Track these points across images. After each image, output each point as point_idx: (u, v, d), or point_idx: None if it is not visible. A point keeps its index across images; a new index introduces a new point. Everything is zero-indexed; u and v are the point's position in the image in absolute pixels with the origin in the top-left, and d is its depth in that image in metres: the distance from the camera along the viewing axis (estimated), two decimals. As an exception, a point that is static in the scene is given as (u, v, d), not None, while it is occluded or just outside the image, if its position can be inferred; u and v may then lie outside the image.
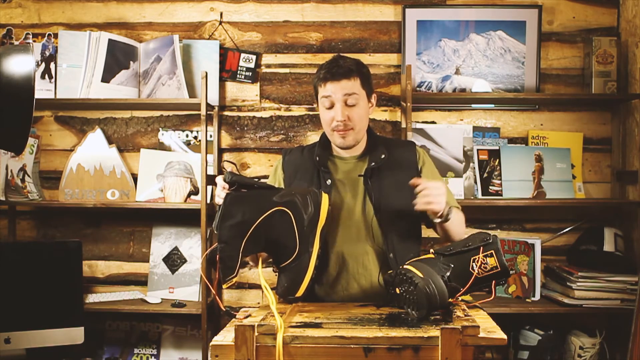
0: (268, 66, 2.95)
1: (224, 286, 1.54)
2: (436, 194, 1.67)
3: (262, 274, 1.58)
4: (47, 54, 2.87)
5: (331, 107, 1.82)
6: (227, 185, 1.63)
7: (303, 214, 1.61)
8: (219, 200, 1.63)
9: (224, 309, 1.58)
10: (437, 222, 1.76)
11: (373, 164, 1.85)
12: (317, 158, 1.89)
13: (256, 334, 1.35)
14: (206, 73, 2.67)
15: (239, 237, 1.55)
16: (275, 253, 1.63)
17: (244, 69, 2.92)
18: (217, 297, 1.69)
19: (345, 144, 1.85)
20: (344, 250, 1.82)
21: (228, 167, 1.68)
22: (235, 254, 1.54)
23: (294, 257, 1.58)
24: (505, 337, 1.35)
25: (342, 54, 1.91)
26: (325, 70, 1.83)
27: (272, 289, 1.55)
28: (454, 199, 1.96)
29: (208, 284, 1.66)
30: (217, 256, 1.53)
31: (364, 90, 1.85)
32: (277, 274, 1.67)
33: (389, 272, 1.67)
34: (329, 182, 1.84)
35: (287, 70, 2.94)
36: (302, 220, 1.60)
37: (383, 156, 1.86)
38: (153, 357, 2.88)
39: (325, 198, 1.67)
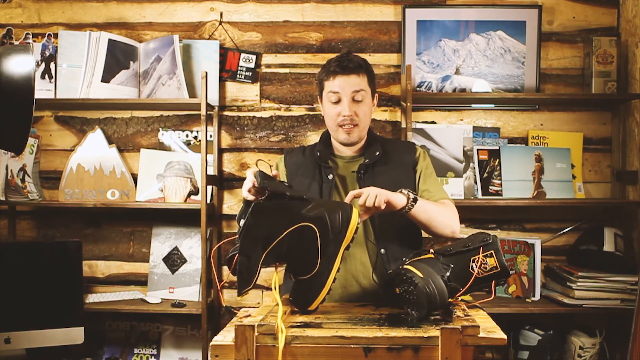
0: (268, 66, 2.95)
1: (239, 298, 1.51)
2: (373, 192, 1.63)
3: (277, 280, 1.53)
4: (47, 54, 2.87)
5: (338, 102, 1.85)
6: (255, 183, 1.56)
7: (329, 232, 1.54)
8: (246, 193, 1.59)
9: (225, 306, 1.57)
10: (403, 212, 1.71)
11: (367, 160, 1.87)
12: (318, 154, 1.91)
13: (256, 334, 1.35)
14: (206, 73, 2.67)
15: (260, 250, 1.49)
16: (295, 265, 1.57)
17: (244, 69, 2.92)
18: (220, 292, 1.68)
19: (349, 140, 1.87)
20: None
21: (261, 167, 1.60)
22: (254, 268, 1.48)
23: (312, 273, 1.53)
24: (505, 337, 1.35)
25: (348, 52, 1.92)
26: (335, 64, 1.85)
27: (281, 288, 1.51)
28: (443, 190, 1.92)
29: (215, 278, 1.64)
30: (233, 265, 1.48)
31: (370, 89, 1.88)
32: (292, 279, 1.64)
33: (389, 272, 1.67)
34: (330, 177, 1.86)
35: (287, 70, 2.94)
36: (327, 238, 1.54)
37: (378, 153, 1.88)
38: (153, 357, 2.88)
39: (355, 214, 1.59)
